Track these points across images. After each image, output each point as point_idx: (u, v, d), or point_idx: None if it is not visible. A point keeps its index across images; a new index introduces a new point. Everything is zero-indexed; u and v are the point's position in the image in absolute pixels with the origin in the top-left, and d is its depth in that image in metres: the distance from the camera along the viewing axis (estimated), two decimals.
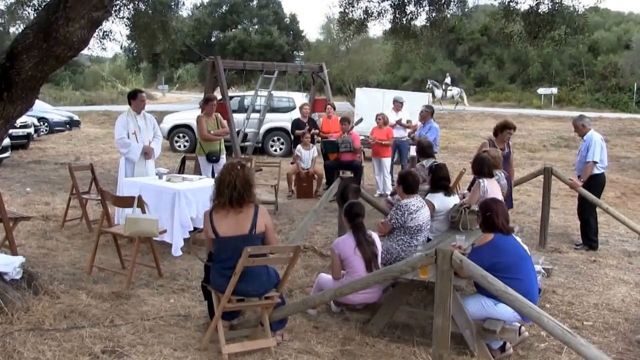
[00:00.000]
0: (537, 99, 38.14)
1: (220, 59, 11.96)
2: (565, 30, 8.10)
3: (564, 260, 7.01)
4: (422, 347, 4.40)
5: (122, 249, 6.30)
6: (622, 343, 4.71)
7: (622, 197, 11.18)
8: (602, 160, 7.45)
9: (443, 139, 17.49)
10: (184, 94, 49.32)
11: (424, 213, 5.44)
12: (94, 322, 4.68)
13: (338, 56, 29.26)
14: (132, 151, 7.44)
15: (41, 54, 4.44)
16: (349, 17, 8.71)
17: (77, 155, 15.14)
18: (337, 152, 10.36)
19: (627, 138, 21.28)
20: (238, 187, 4.17)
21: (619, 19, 49.19)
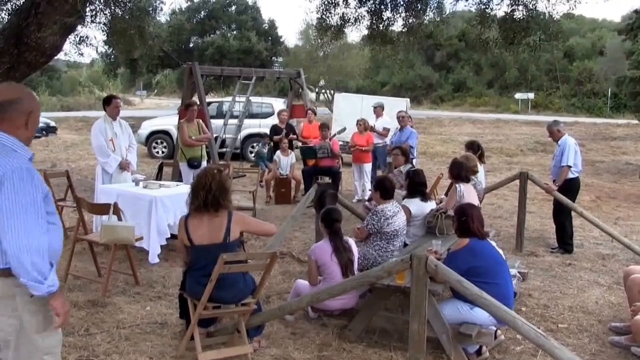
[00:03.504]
0: (515, 104, 38.66)
1: (197, 65, 11.90)
2: (540, 37, 8.23)
3: (539, 264, 7.09)
4: (399, 352, 4.42)
5: (99, 256, 6.23)
6: (595, 344, 4.78)
7: (597, 201, 11.34)
8: (576, 165, 7.56)
9: (421, 144, 17.61)
10: (162, 99, 49.06)
11: (400, 218, 5.47)
12: (68, 331, 4.60)
13: (317, 62, 29.34)
14: (109, 163, 7.38)
15: (12, 60, 4.39)
16: (327, 23, 8.75)
17: (53, 162, 14.94)
18: (315, 158, 10.37)
19: (601, 142, 21.66)
20: (213, 190, 4.16)
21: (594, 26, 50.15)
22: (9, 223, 2.47)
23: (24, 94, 2.71)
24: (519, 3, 7.86)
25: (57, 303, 2.62)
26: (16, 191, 2.48)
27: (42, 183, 2.62)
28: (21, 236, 2.47)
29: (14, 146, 2.61)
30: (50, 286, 2.54)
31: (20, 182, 2.50)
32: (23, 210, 2.49)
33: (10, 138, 2.62)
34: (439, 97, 44.57)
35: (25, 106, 2.67)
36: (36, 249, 2.49)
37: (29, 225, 2.49)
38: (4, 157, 2.54)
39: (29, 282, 2.50)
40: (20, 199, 2.48)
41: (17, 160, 2.54)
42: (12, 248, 2.47)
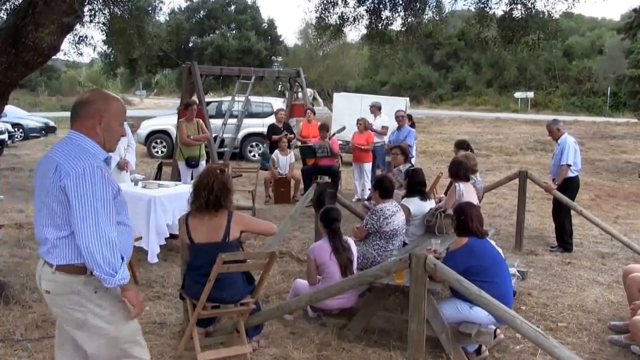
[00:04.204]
0: (514, 103, 38.66)
1: (196, 65, 11.89)
2: (539, 35, 8.20)
3: (539, 263, 7.08)
4: (398, 351, 4.40)
5: None
6: (595, 343, 4.77)
7: (596, 200, 11.34)
8: (575, 163, 7.55)
9: (421, 143, 17.61)
10: (162, 99, 49.05)
11: (400, 217, 5.46)
12: None
13: (316, 61, 29.34)
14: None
15: (9, 60, 4.37)
16: (325, 23, 8.72)
17: None
18: (314, 157, 10.36)
19: (601, 141, 21.65)
20: (215, 190, 4.15)
21: (593, 25, 50.18)
22: (80, 220, 2.57)
23: (97, 98, 2.82)
24: (517, 2, 7.83)
25: (130, 294, 2.75)
26: (87, 189, 2.58)
27: (113, 183, 2.71)
28: (92, 232, 2.56)
29: (87, 145, 2.72)
30: (121, 279, 2.63)
31: (92, 181, 2.60)
32: (93, 207, 2.58)
33: (84, 138, 2.74)
34: (439, 96, 44.60)
35: (95, 110, 2.77)
36: (107, 242, 2.58)
37: (100, 222, 2.58)
38: (76, 156, 2.64)
39: (102, 274, 2.60)
40: (90, 197, 2.58)
41: (88, 160, 2.63)
42: (84, 243, 2.57)
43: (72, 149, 2.70)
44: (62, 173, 2.61)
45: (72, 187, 2.59)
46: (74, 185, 2.58)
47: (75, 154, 2.66)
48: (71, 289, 2.69)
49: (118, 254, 2.64)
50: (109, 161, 2.83)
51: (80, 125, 2.76)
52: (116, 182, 2.76)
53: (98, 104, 2.79)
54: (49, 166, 2.70)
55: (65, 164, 2.63)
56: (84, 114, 2.77)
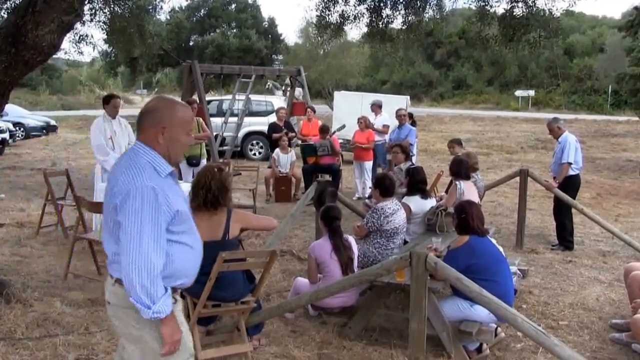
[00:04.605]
0: (515, 101, 38.63)
1: (197, 63, 11.89)
2: (540, 34, 8.20)
3: (540, 261, 7.08)
4: (399, 350, 4.40)
5: (98, 254, 6.20)
6: (596, 341, 4.77)
7: (597, 198, 11.33)
8: (577, 162, 7.54)
9: (421, 141, 17.60)
10: None
11: (400, 216, 5.46)
12: (68, 329, 4.61)
13: (317, 60, 29.31)
14: (109, 161, 7.36)
15: (9, 59, 4.36)
16: (326, 21, 8.72)
17: (53, 161, 14.94)
18: (315, 156, 10.36)
19: (602, 139, 21.64)
20: (213, 189, 4.15)
21: (594, 23, 50.12)
22: (125, 241, 2.43)
23: (160, 106, 2.63)
24: (518, 0, 7.84)
25: (164, 330, 2.53)
26: (136, 210, 2.41)
27: (172, 203, 2.51)
28: (134, 257, 2.40)
29: (147, 157, 2.54)
30: (156, 312, 2.44)
31: (142, 201, 2.42)
32: (140, 230, 2.41)
33: (146, 150, 2.56)
34: (439, 95, 44.58)
35: (157, 119, 2.57)
36: (147, 271, 2.41)
37: (144, 247, 2.41)
38: (131, 174, 2.47)
39: (136, 303, 2.44)
40: (139, 219, 2.41)
41: (141, 178, 2.45)
42: (124, 267, 2.43)
43: (130, 164, 2.52)
44: (115, 191, 2.49)
45: (120, 207, 2.45)
46: (122, 205, 2.44)
47: (132, 171, 2.48)
48: (129, 302, 2.51)
49: (160, 283, 2.46)
50: (175, 174, 2.66)
51: (144, 136, 2.58)
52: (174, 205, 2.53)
53: (161, 111, 2.59)
54: (111, 179, 2.58)
55: (120, 181, 2.49)
56: (147, 123, 2.58)
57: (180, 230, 2.60)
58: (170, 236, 2.54)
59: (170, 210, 2.50)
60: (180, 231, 2.59)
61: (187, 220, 2.66)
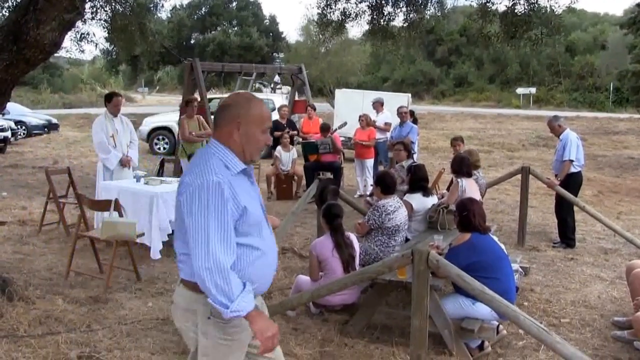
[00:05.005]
0: (516, 99, 38.58)
1: (198, 61, 11.88)
2: (541, 31, 8.18)
3: (542, 259, 7.08)
4: (401, 348, 4.41)
5: (100, 252, 6.23)
6: (597, 339, 4.77)
7: (599, 195, 11.32)
8: (578, 159, 7.53)
9: (423, 139, 17.58)
10: (164, 96, 48.99)
11: (402, 213, 5.46)
12: (70, 327, 4.62)
13: (318, 57, 29.28)
14: (110, 159, 7.38)
15: (11, 57, 4.36)
16: (327, 19, 8.71)
17: (55, 159, 14.94)
18: (316, 154, 10.36)
19: (603, 137, 21.60)
20: None
21: (595, 20, 50.03)
22: (192, 240, 2.33)
23: (236, 102, 2.54)
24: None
25: (256, 327, 2.36)
26: (203, 206, 2.32)
27: (240, 200, 2.40)
28: (203, 255, 2.30)
29: (219, 155, 2.45)
30: (234, 311, 2.30)
31: (207, 197, 2.32)
32: (206, 227, 2.31)
33: (220, 147, 2.48)
34: (441, 93, 44.53)
35: (232, 114, 2.48)
36: (219, 269, 2.29)
37: (212, 244, 2.30)
38: (200, 170, 2.39)
39: (214, 304, 2.32)
40: (204, 215, 2.32)
41: (209, 175, 2.35)
42: (195, 268, 2.32)
43: (201, 161, 2.44)
44: (181, 188, 2.42)
45: (185, 204, 2.37)
46: (188, 202, 2.35)
47: (200, 168, 2.39)
48: (189, 305, 2.47)
49: (235, 279, 2.32)
50: (250, 172, 2.56)
51: (218, 133, 2.50)
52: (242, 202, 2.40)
53: (236, 108, 2.49)
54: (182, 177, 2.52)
55: (187, 178, 2.42)
56: (222, 120, 2.50)
57: (248, 231, 2.46)
58: (238, 237, 2.42)
59: (237, 207, 2.38)
60: (247, 232, 2.46)
61: (258, 223, 2.51)
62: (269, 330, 2.37)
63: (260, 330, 2.35)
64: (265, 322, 2.39)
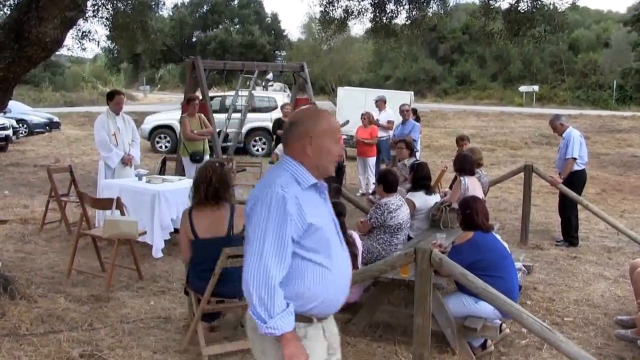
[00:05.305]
0: (519, 97, 38.49)
1: (200, 59, 11.85)
2: (544, 28, 8.17)
3: (544, 257, 7.05)
4: (403, 346, 4.39)
5: (102, 251, 6.22)
6: (601, 338, 4.75)
7: (602, 194, 11.29)
8: (582, 157, 7.50)
9: (425, 137, 17.56)
10: (165, 94, 48.96)
11: (404, 211, 5.44)
12: (72, 326, 4.61)
13: (320, 55, 29.26)
14: (111, 158, 7.38)
15: (13, 54, 4.35)
16: (330, 16, 8.71)
17: (57, 157, 14.95)
18: None
19: (607, 135, 21.55)
20: (214, 183, 4.18)
21: (598, 17, 49.88)
22: (247, 250, 2.32)
23: (304, 117, 2.51)
24: None
25: (286, 351, 2.29)
26: (262, 216, 2.29)
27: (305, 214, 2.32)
28: (254, 266, 2.26)
29: (290, 169, 2.41)
30: (271, 327, 2.24)
31: (269, 209, 2.28)
32: (263, 239, 2.27)
33: (291, 162, 2.43)
34: (443, 91, 44.46)
35: (303, 129, 2.43)
36: (266, 282, 2.24)
37: (265, 256, 2.26)
38: (267, 183, 2.37)
39: (253, 316, 2.29)
40: (263, 226, 2.28)
41: (276, 186, 2.32)
42: (244, 276, 2.29)
43: (271, 175, 2.43)
44: (249, 200, 2.41)
45: (248, 214, 2.37)
46: (250, 212, 2.35)
47: (269, 180, 2.38)
48: (251, 320, 2.37)
49: (279, 297, 2.26)
50: (322, 188, 2.49)
51: (290, 149, 2.46)
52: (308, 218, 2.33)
53: (306, 123, 2.45)
54: None
55: (255, 190, 2.41)
56: (293, 136, 2.45)
57: (314, 247, 2.37)
58: (300, 251, 2.35)
59: (302, 223, 2.32)
60: (313, 248, 2.37)
61: (327, 241, 2.42)
62: (297, 357, 2.30)
63: (289, 356, 2.29)
64: (298, 349, 2.31)
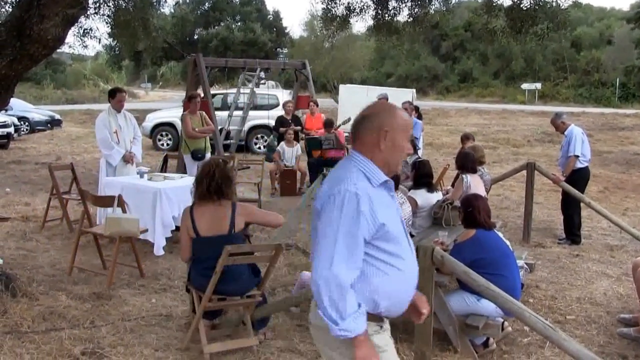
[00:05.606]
0: (521, 95, 38.41)
1: (201, 57, 11.84)
2: (547, 26, 8.14)
3: (547, 255, 7.04)
4: (405, 344, 4.38)
5: (103, 248, 6.21)
6: (603, 336, 4.74)
7: (605, 192, 11.26)
8: (584, 154, 7.48)
9: (427, 135, 17.53)
10: (167, 92, 48.97)
11: (406, 209, 5.42)
12: (73, 323, 4.61)
13: (322, 53, 29.23)
14: (113, 156, 7.38)
15: (14, 52, 4.34)
16: (332, 14, 8.68)
17: (58, 155, 14.95)
18: (320, 149, 10.33)
19: (609, 133, 21.49)
20: (216, 178, 4.18)
21: (601, 15, 49.78)
22: (320, 247, 2.24)
23: (379, 110, 2.42)
24: None
25: (359, 353, 2.23)
26: (335, 215, 2.22)
27: (377, 214, 2.25)
28: (325, 265, 2.19)
29: (360, 166, 2.34)
30: (343, 330, 2.19)
31: (341, 207, 2.21)
32: (335, 238, 2.20)
33: (361, 158, 2.36)
34: (445, 88, 44.39)
35: (377, 124, 2.36)
36: (337, 283, 2.17)
37: (337, 255, 2.19)
38: (338, 179, 2.30)
39: (324, 318, 2.22)
40: (335, 226, 2.21)
41: (348, 184, 2.24)
42: (313, 277, 2.23)
43: (341, 171, 2.36)
44: (318, 196, 2.36)
45: (319, 212, 2.30)
46: (321, 210, 2.28)
47: (339, 177, 2.31)
48: (323, 323, 2.27)
49: (351, 298, 2.20)
50: (390, 186, 2.42)
51: (360, 144, 2.39)
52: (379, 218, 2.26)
53: (381, 117, 2.38)
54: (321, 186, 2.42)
55: (325, 186, 2.35)
56: (365, 130, 2.38)
57: (386, 248, 2.32)
58: (372, 252, 2.29)
59: (373, 222, 2.25)
60: (385, 249, 2.32)
61: (397, 239, 2.36)
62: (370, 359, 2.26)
63: (361, 358, 2.24)
64: (370, 350, 2.27)
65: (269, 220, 4.53)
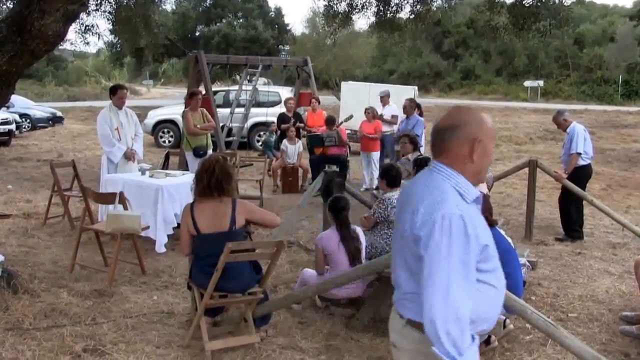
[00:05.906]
0: (524, 92, 38.35)
1: (203, 53, 11.85)
2: (550, 23, 8.13)
3: (549, 253, 7.02)
4: None
5: (105, 246, 6.21)
6: (605, 334, 4.73)
7: (608, 189, 11.23)
8: (586, 152, 7.46)
9: (429, 132, 17.46)
10: (169, 89, 49.02)
11: None
12: (75, 320, 4.61)
13: (324, 50, 29.19)
14: (114, 153, 7.37)
15: (15, 48, 4.33)
16: (334, 10, 8.68)
17: (60, 152, 14.95)
18: (322, 147, 10.32)
19: (612, 130, 21.45)
20: (217, 174, 4.16)
21: (604, 12, 49.67)
22: (429, 281, 2.05)
23: (469, 118, 2.22)
24: None
25: None
26: (444, 245, 2.03)
27: (480, 235, 2.09)
28: (439, 299, 2.01)
29: (452, 182, 2.17)
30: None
31: (450, 234, 2.03)
32: (448, 269, 2.02)
33: (451, 173, 2.19)
34: (447, 85, 44.34)
35: (468, 132, 2.18)
36: (455, 317, 2.00)
37: (453, 287, 2.01)
38: (436, 201, 2.10)
39: (439, 353, 2.02)
40: (447, 255, 2.03)
41: (450, 205, 2.07)
42: (427, 311, 2.03)
43: (433, 189, 2.16)
44: (418, 220, 2.11)
45: (425, 240, 2.07)
46: (427, 238, 2.06)
47: (436, 198, 2.11)
48: (420, 348, 2.15)
49: (467, 331, 2.03)
50: (479, 200, 2.24)
51: (447, 156, 2.21)
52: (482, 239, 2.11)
53: (472, 125, 2.19)
54: (408, 205, 2.21)
55: (423, 209, 2.12)
56: (454, 141, 2.19)
57: (487, 268, 2.19)
58: (478, 275, 2.12)
59: (478, 245, 2.09)
60: (487, 269, 2.18)
61: (494, 257, 2.22)
62: None
63: None
64: None
65: (268, 219, 4.51)
